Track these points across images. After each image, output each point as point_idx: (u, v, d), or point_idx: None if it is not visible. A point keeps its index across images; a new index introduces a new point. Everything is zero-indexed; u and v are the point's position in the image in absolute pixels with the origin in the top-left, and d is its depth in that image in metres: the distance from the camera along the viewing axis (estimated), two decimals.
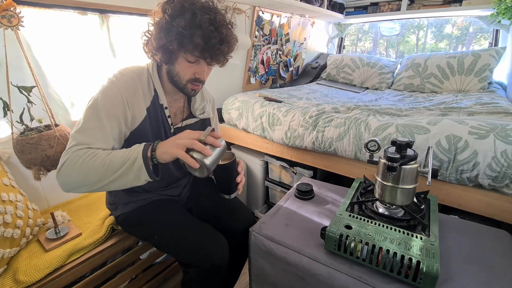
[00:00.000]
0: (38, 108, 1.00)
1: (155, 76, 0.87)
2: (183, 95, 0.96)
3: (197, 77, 0.83)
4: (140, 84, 0.84)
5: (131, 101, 0.81)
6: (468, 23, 5.25)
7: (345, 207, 0.86)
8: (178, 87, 0.86)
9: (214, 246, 0.87)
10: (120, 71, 0.83)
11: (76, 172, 0.69)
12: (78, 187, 0.71)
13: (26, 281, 0.82)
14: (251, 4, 1.94)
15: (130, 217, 0.96)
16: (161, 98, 0.88)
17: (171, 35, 0.74)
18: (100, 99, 0.77)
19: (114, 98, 0.78)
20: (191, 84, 0.84)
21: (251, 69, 2.23)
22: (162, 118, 0.90)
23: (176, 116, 0.96)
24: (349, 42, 4.81)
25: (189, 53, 0.77)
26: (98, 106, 0.76)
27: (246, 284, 1.19)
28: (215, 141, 0.71)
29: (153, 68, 0.87)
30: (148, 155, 0.71)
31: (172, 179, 1.02)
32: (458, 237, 0.84)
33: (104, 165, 0.69)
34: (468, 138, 1.04)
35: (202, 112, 1.02)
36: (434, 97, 1.91)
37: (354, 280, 0.70)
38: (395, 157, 0.74)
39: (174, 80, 0.84)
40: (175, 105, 0.96)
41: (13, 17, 0.88)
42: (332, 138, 1.35)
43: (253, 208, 1.94)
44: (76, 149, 0.71)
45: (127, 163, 0.69)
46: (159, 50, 0.78)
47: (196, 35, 0.73)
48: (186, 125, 0.98)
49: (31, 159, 0.94)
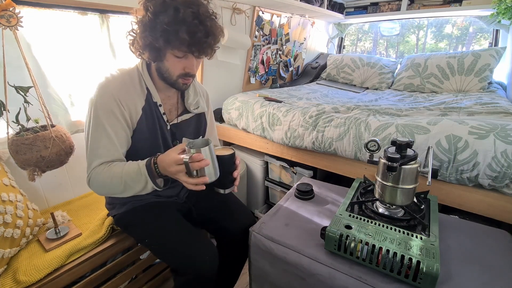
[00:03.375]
0: (35, 109, 1.00)
1: (146, 75, 0.88)
2: (175, 91, 0.97)
3: (187, 71, 0.83)
4: (131, 85, 0.85)
5: (125, 102, 0.82)
6: (468, 23, 5.25)
7: (345, 207, 0.86)
8: (169, 83, 0.86)
9: (202, 254, 0.85)
10: (109, 75, 0.85)
11: (101, 188, 0.83)
12: (108, 195, 0.89)
13: (26, 281, 0.82)
14: (251, 4, 1.94)
15: (124, 217, 0.96)
16: (154, 96, 0.89)
17: (156, 33, 0.74)
18: (98, 109, 0.79)
19: (110, 103, 0.80)
20: (182, 79, 0.85)
21: (251, 69, 2.23)
22: (158, 115, 0.90)
23: (171, 112, 0.97)
24: (349, 42, 4.81)
25: (176, 48, 0.77)
26: (99, 118, 0.79)
27: (246, 284, 1.19)
28: (200, 164, 0.71)
29: (143, 67, 0.88)
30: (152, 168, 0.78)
31: (169, 178, 1.01)
32: (458, 237, 0.84)
33: (122, 183, 0.79)
34: (468, 138, 1.04)
35: (197, 106, 1.01)
36: (434, 97, 1.91)
37: (354, 280, 0.70)
38: (395, 157, 0.74)
39: (165, 76, 0.85)
40: (169, 101, 0.96)
41: (12, 17, 0.88)
42: (332, 138, 1.35)
43: (253, 208, 1.94)
44: (95, 173, 0.81)
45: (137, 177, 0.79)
46: (146, 48, 0.78)
47: (181, 30, 0.72)
48: (182, 121, 0.98)
49: (25, 160, 0.93)
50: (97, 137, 0.81)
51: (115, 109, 0.81)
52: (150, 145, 0.89)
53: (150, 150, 0.87)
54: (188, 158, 0.69)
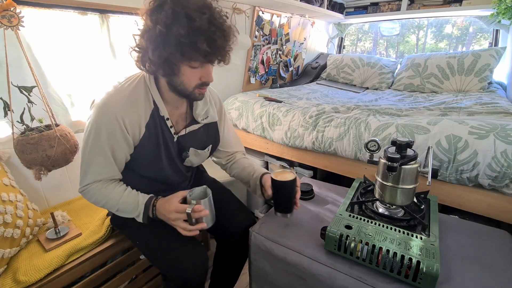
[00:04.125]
0: (38, 108, 1.00)
1: (154, 89, 0.81)
2: (184, 101, 0.90)
3: (203, 81, 0.78)
4: (137, 100, 0.79)
5: (129, 121, 0.77)
6: (468, 23, 5.24)
7: (345, 207, 0.86)
8: (184, 95, 0.81)
9: (190, 260, 0.83)
10: (116, 87, 0.79)
11: (95, 203, 0.84)
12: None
13: (26, 281, 0.82)
14: (251, 4, 1.94)
15: (119, 217, 0.92)
16: (162, 110, 0.83)
17: (171, 47, 0.67)
18: (101, 129, 0.76)
19: (112, 125, 0.76)
20: (198, 89, 0.79)
21: (251, 69, 2.23)
22: (163, 129, 0.85)
23: (178, 123, 0.91)
24: (349, 42, 4.81)
25: (194, 60, 0.72)
26: (99, 138, 0.76)
27: (246, 284, 1.19)
28: (200, 214, 0.76)
29: (150, 80, 0.81)
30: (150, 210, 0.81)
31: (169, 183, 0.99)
32: (458, 237, 0.84)
33: (116, 207, 0.82)
34: (468, 138, 1.04)
35: (206, 116, 0.95)
36: (434, 97, 1.91)
37: (354, 280, 0.70)
38: (395, 157, 0.74)
39: (179, 89, 0.78)
40: (177, 112, 0.89)
41: (13, 17, 0.89)
42: (332, 138, 1.35)
43: (253, 208, 1.94)
44: (89, 189, 0.81)
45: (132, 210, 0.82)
46: (160, 66, 0.71)
47: (200, 41, 0.66)
48: (190, 131, 0.92)
49: (31, 159, 0.94)
50: (94, 155, 0.78)
51: (117, 132, 0.76)
52: (151, 158, 0.85)
53: (151, 162, 0.85)
54: (190, 210, 0.75)
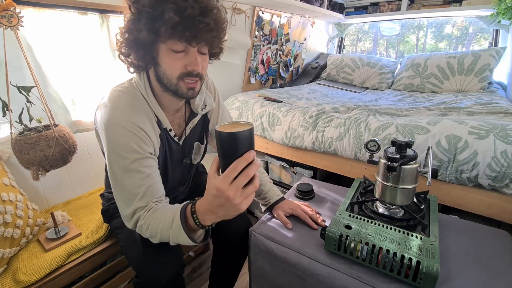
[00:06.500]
0: (37, 108, 1.00)
1: (152, 99, 0.74)
2: (182, 104, 0.83)
3: (189, 69, 0.67)
4: (140, 111, 0.73)
5: (148, 131, 0.71)
6: (468, 23, 5.25)
7: (345, 207, 0.86)
8: (171, 90, 0.71)
9: (162, 265, 0.77)
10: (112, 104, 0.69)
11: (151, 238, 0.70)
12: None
13: (26, 280, 0.82)
14: (251, 4, 1.94)
15: (108, 209, 0.92)
16: (164, 121, 0.77)
17: (140, 24, 0.61)
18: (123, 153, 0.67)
19: (132, 141, 0.67)
20: (184, 81, 0.69)
21: (251, 69, 2.23)
22: (168, 140, 0.82)
23: (180, 126, 0.87)
24: (349, 42, 4.82)
25: (168, 38, 0.62)
26: (127, 160, 0.67)
27: (246, 284, 1.19)
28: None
29: (146, 88, 0.73)
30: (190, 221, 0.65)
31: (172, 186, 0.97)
32: (458, 237, 0.84)
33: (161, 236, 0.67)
34: (468, 138, 1.04)
35: (204, 106, 0.88)
36: (434, 97, 1.91)
37: (354, 280, 0.70)
38: (395, 157, 0.74)
39: (165, 83, 0.70)
40: (177, 115, 0.85)
41: (12, 17, 0.89)
42: (332, 138, 1.35)
43: (253, 208, 1.94)
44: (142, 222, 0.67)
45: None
46: (132, 48, 0.65)
47: (167, 9, 0.58)
48: (191, 129, 0.88)
49: (29, 159, 0.94)
50: (130, 184, 0.68)
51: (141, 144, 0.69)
52: (160, 167, 0.80)
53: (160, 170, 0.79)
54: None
